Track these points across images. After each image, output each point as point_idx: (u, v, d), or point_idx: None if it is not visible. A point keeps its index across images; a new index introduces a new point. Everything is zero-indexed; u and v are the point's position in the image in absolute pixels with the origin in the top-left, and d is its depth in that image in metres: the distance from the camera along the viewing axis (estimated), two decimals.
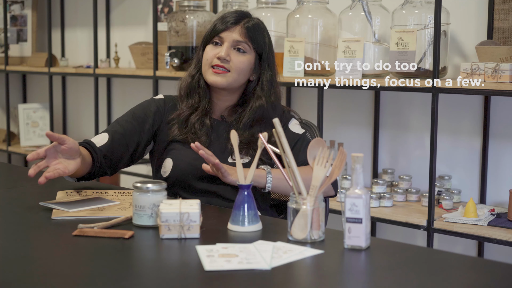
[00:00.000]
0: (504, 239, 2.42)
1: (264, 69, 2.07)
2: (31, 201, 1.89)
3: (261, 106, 2.04)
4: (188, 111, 2.06)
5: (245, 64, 2.03)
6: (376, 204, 2.79)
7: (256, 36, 2.05)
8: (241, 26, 2.04)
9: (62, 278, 1.31)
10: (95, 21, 3.86)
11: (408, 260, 1.45)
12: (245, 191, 1.64)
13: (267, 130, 1.99)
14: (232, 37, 2.03)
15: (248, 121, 2.04)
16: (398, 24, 2.70)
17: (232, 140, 1.74)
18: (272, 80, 2.08)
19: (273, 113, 2.05)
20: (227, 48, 2.02)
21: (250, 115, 2.04)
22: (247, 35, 2.03)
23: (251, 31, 2.04)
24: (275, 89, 2.09)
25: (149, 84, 3.98)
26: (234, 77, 2.03)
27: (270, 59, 2.09)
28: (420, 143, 2.99)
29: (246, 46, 2.04)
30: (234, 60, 2.02)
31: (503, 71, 2.40)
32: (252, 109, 2.05)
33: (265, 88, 2.06)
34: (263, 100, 2.05)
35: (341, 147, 1.62)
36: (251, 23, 2.05)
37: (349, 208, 1.47)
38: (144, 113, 2.08)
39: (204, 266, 1.35)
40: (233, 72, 2.02)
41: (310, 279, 1.37)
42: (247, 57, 2.04)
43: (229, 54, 2.02)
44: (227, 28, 2.03)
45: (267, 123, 2.03)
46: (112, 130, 2.04)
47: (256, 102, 2.05)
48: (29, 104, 4.55)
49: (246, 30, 2.03)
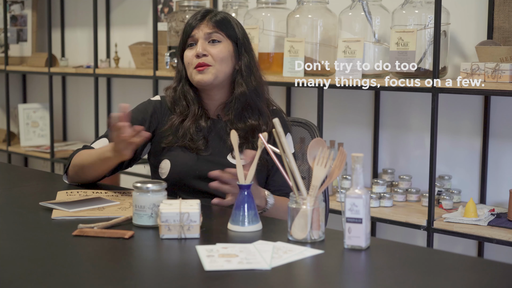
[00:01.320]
0: (504, 239, 2.42)
1: (242, 55, 2.08)
2: (31, 201, 1.89)
3: (243, 93, 2.05)
4: (179, 118, 2.06)
5: (223, 52, 2.04)
6: (376, 204, 2.79)
7: (226, 25, 2.06)
8: (207, 20, 2.06)
9: (62, 278, 1.31)
10: (95, 21, 3.86)
11: (408, 260, 1.45)
12: (245, 191, 1.64)
13: (255, 116, 2.05)
14: (203, 32, 2.04)
15: (236, 113, 2.05)
16: (398, 24, 2.70)
17: (232, 140, 1.75)
18: (251, 65, 2.08)
19: (256, 98, 2.07)
20: (202, 43, 2.04)
21: (237, 104, 2.05)
22: (216, 25, 2.05)
23: (219, 22, 2.06)
24: (255, 73, 2.09)
25: (149, 84, 3.98)
26: (218, 68, 2.03)
27: (246, 45, 2.09)
28: (420, 143, 2.99)
29: (219, 35, 2.05)
30: (212, 51, 2.03)
31: (503, 71, 2.40)
32: (236, 97, 2.06)
33: (244, 74, 2.07)
34: (244, 86, 2.06)
35: (341, 147, 1.62)
36: (218, 16, 2.07)
37: (349, 208, 1.47)
38: (141, 116, 2.08)
39: (204, 266, 1.35)
40: (215, 64, 2.03)
41: (310, 279, 1.37)
42: (223, 44, 2.05)
43: (205, 48, 2.03)
44: (195, 26, 2.05)
45: (253, 109, 2.06)
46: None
47: (238, 89, 2.06)
48: (29, 104, 4.55)
49: (213, 22, 2.05)
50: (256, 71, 2.10)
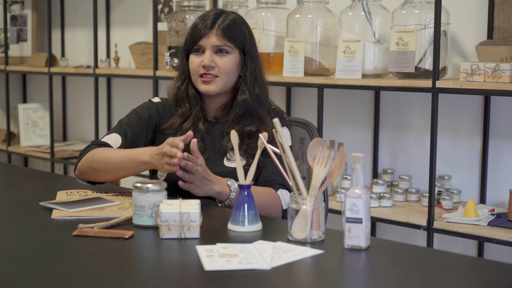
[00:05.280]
0: (504, 239, 2.42)
1: (248, 63, 2.07)
2: (31, 201, 1.89)
3: (245, 101, 2.04)
4: (180, 120, 2.06)
5: (230, 64, 2.03)
6: (376, 204, 2.79)
7: (234, 34, 2.03)
8: (216, 28, 2.02)
9: (62, 278, 1.31)
10: (95, 21, 3.86)
11: (408, 260, 1.45)
12: (245, 191, 1.64)
13: (254, 124, 2.04)
14: (211, 43, 2.02)
15: (235, 117, 2.05)
16: (398, 24, 2.70)
17: (232, 140, 1.75)
18: (255, 73, 2.07)
19: (258, 106, 2.06)
20: (210, 55, 2.02)
21: (238, 109, 2.05)
22: (225, 36, 2.02)
23: (228, 31, 2.03)
24: (259, 81, 2.08)
25: (149, 84, 3.98)
26: (224, 80, 2.03)
27: (253, 52, 2.08)
28: (420, 143, 2.99)
29: (227, 48, 2.03)
30: (219, 63, 2.02)
31: (503, 71, 2.40)
32: (238, 104, 2.05)
33: (248, 82, 2.06)
34: (246, 94, 2.05)
35: (341, 147, 1.62)
36: (227, 21, 2.04)
37: (349, 208, 1.47)
38: (147, 114, 2.08)
39: (204, 266, 1.35)
40: (222, 75, 2.02)
41: (310, 279, 1.37)
42: (231, 57, 2.04)
43: (213, 59, 2.02)
44: (203, 35, 2.02)
45: (254, 117, 2.05)
46: (122, 131, 2.04)
47: (241, 97, 2.05)
48: (29, 104, 4.55)
49: (222, 32, 2.02)
50: (260, 78, 2.09)
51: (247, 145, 2.02)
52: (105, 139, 2.02)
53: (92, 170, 1.96)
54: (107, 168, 1.93)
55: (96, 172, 1.96)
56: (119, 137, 2.02)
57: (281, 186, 1.99)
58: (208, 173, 1.84)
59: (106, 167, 1.93)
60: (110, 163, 1.92)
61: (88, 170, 1.97)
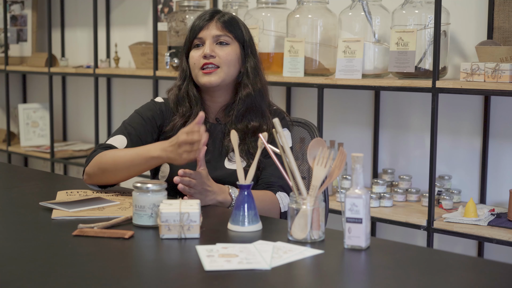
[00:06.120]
0: (504, 239, 2.42)
1: (248, 57, 2.08)
2: (31, 201, 1.89)
3: (249, 95, 2.05)
4: (181, 120, 2.05)
5: (231, 55, 2.04)
6: (376, 204, 2.79)
7: (234, 26, 2.06)
8: (215, 20, 2.05)
9: (62, 278, 1.31)
10: (95, 21, 3.86)
11: (408, 260, 1.45)
12: (245, 191, 1.64)
13: (257, 118, 2.05)
14: (211, 33, 2.03)
15: (238, 114, 2.05)
16: (398, 24, 2.70)
17: (232, 140, 1.75)
18: (256, 67, 2.09)
19: (260, 100, 2.07)
20: (210, 44, 2.03)
21: (240, 105, 2.05)
22: (225, 27, 2.04)
23: (228, 23, 2.05)
24: (260, 75, 2.09)
25: (149, 84, 3.98)
26: (225, 71, 2.03)
27: (252, 48, 2.10)
28: (420, 143, 2.99)
29: (227, 38, 2.04)
30: (220, 53, 2.03)
31: (503, 71, 2.40)
32: (241, 99, 2.05)
33: (251, 76, 2.06)
34: (250, 88, 2.05)
35: (341, 147, 1.62)
36: (226, 16, 2.07)
37: (349, 208, 1.47)
38: (151, 114, 2.07)
39: (204, 266, 1.35)
40: (223, 66, 2.02)
41: (310, 279, 1.37)
42: (231, 47, 2.05)
43: (213, 49, 2.03)
44: (203, 27, 2.04)
45: (257, 111, 2.06)
46: (127, 132, 2.02)
47: (244, 91, 2.05)
48: (29, 104, 4.55)
49: (222, 23, 2.05)
50: (261, 73, 2.10)
51: (249, 144, 2.02)
52: (110, 141, 2.00)
53: (101, 171, 1.94)
54: (116, 168, 1.91)
55: (105, 173, 1.93)
56: (124, 138, 2.01)
57: (280, 188, 1.99)
58: (209, 183, 1.85)
59: (115, 167, 1.91)
60: (119, 162, 1.90)
61: (97, 173, 1.95)
